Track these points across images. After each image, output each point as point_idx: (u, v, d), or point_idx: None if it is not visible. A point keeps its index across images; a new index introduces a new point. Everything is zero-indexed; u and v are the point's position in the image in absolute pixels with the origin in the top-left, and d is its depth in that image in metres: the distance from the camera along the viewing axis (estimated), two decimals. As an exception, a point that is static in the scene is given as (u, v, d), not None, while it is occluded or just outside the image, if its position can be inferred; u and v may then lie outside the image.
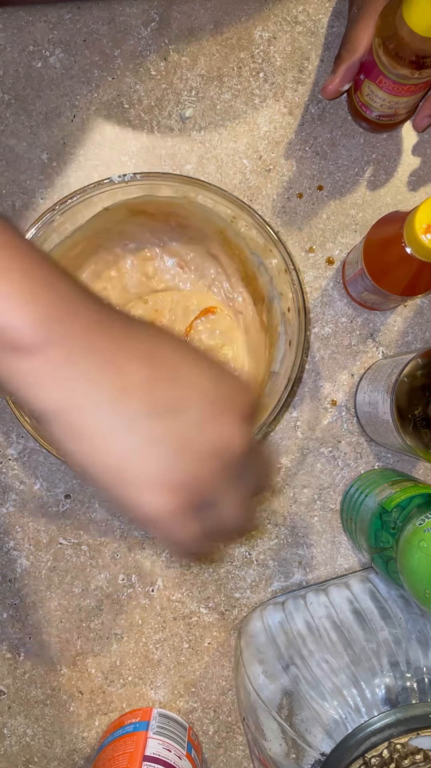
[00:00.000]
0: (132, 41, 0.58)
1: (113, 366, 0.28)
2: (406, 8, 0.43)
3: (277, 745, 0.44)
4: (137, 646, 0.56)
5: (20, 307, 0.26)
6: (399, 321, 0.58)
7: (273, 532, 0.57)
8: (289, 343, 0.49)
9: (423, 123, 0.55)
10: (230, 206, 0.49)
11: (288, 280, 0.49)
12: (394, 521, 0.46)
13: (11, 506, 0.56)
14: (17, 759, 0.56)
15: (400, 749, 0.41)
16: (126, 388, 0.28)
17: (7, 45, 0.58)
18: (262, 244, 0.49)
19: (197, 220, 0.52)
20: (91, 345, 0.28)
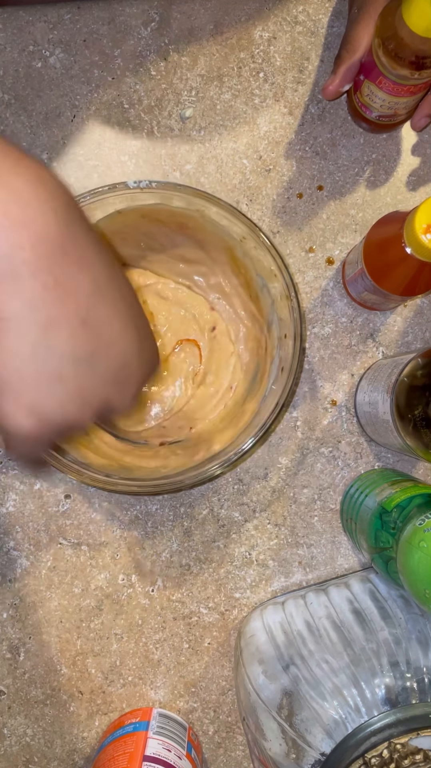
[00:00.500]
0: (132, 41, 0.58)
1: (61, 295, 0.28)
2: (406, 9, 0.43)
3: (277, 745, 0.44)
4: (137, 646, 0.56)
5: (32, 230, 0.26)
6: (399, 321, 0.58)
7: (273, 532, 0.57)
8: (281, 369, 0.49)
9: (421, 123, 0.56)
10: (241, 225, 0.49)
11: (288, 306, 0.49)
12: (394, 521, 0.46)
13: (11, 506, 0.56)
14: (17, 759, 0.56)
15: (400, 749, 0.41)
16: (60, 321, 0.28)
17: (7, 45, 0.58)
18: (267, 267, 0.50)
19: (207, 234, 0.52)
20: (51, 267, 0.28)
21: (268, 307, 0.52)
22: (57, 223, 0.27)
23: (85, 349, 0.30)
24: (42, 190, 0.27)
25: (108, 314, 0.30)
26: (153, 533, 0.57)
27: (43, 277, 0.27)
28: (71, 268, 0.28)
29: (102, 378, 0.31)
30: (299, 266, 0.58)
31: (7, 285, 0.27)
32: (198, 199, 0.49)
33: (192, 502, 0.57)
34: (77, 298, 0.29)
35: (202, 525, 0.57)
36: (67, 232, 0.28)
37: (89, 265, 0.29)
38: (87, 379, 0.30)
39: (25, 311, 0.27)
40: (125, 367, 0.32)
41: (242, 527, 0.57)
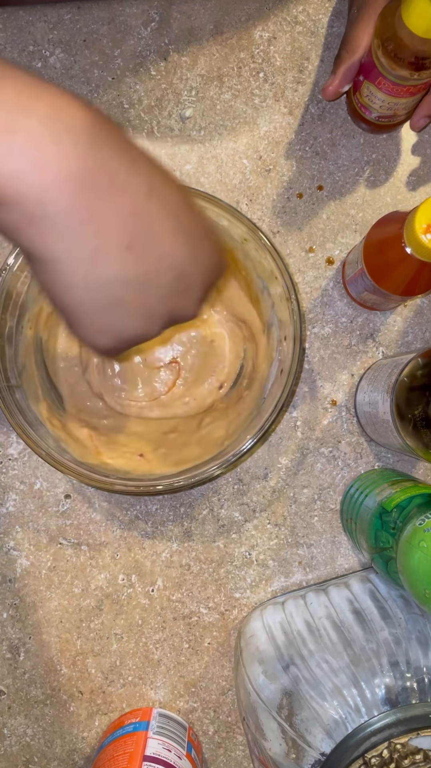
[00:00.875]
0: (132, 41, 0.58)
1: (99, 225, 0.29)
2: (405, 9, 0.43)
3: (277, 745, 0.44)
4: (137, 646, 0.56)
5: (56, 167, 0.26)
6: (399, 321, 0.58)
7: (274, 532, 0.57)
8: (281, 371, 0.49)
9: (420, 123, 0.55)
10: (242, 227, 0.49)
11: (289, 308, 0.49)
12: (394, 521, 0.46)
13: (11, 506, 0.56)
14: (17, 759, 0.56)
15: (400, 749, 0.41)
16: (104, 251, 0.29)
17: (7, 45, 0.58)
18: (268, 269, 0.50)
19: None
20: (94, 204, 0.28)
21: (268, 309, 0.52)
22: (78, 157, 0.27)
23: (136, 271, 0.30)
24: (60, 126, 0.27)
25: (153, 231, 0.31)
26: (153, 533, 0.57)
27: (77, 213, 0.28)
28: (104, 197, 0.28)
29: (160, 293, 0.32)
30: (299, 266, 0.58)
31: (45, 228, 0.27)
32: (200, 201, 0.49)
33: (192, 502, 0.57)
34: (117, 224, 0.29)
35: (202, 525, 0.57)
36: (92, 163, 0.28)
37: (123, 189, 0.29)
38: (145, 298, 0.32)
39: (68, 249, 0.28)
40: (182, 277, 0.32)
41: (242, 527, 0.57)
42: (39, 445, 0.48)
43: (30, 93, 0.27)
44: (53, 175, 0.26)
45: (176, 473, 0.51)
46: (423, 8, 0.42)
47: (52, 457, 0.48)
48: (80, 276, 0.29)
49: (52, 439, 0.50)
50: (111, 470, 0.51)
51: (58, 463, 0.48)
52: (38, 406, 0.52)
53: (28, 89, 0.27)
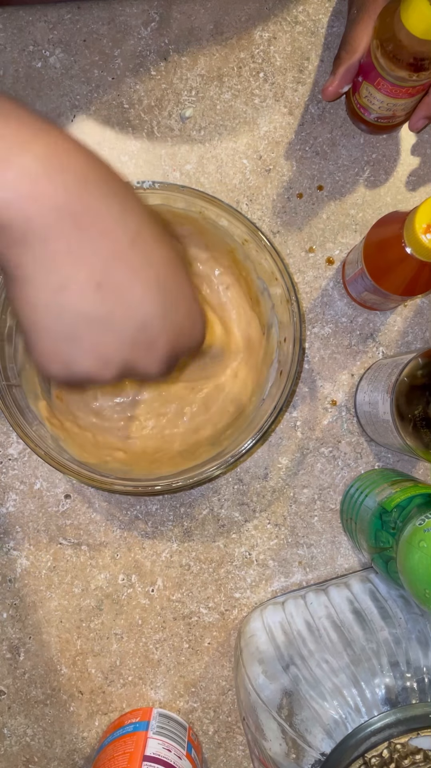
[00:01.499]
0: (132, 41, 0.58)
1: (74, 259, 0.30)
2: (404, 10, 0.43)
3: (277, 745, 0.44)
4: (137, 646, 0.56)
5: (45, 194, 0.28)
6: (399, 321, 0.58)
7: (273, 532, 0.57)
8: (281, 372, 0.49)
9: (419, 125, 0.56)
10: (242, 228, 0.49)
11: (289, 309, 0.49)
12: (394, 521, 0.46)
13: (11, 506, 0.56)
14: (17, 759, 0.56)
15: (400, 749, 0.41)
16: (72, 283, 0.30)
17: (7, 45, 0.58)
18: (269, 270, 0.49)
19: (209, 236, 0.52)
20: (69, 207, 0.29)
21: (268, 311, 0.52)
22: (67, 195, 0.29)
23: (99, 310, 0.31)
24: (53, 165, 0.29)
25: (128, 277, 0.31)
26: (153, 533, 0.57)
27: (54, 245, 0.29)
28: (85, 235, 0.30)
29: (118, 340, 0.32)
30: (299, 266, 0.58)
31: (22, 250, 0.29)
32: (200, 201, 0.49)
33: (192, 502, 0.57)
34: (92, 262, 0.30)
35: (202, 525, 0.57)
36: (78, 202, 0.29)
37: (106, 231, 0.30)
38: (102, 340, 0.32)
39: (39, 273, 0.30)
40: (145, 330, 0.33)
41: (242, 527, 0.57)
42: (38, 445, 0.48)
43: (30, 132, 0.29)
44: (38, 206, 0.28)
45: (176, 473, 0.51)
46: (422, 9, 0.42)
47: (52, 457, 0.48)
48: (44, 301, 0.30)
49: (51, 438, 0.50)
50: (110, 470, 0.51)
51: (58, 463, 0.48)
52: (37, 405, 0.51)
53: (29, 129, 0.29)
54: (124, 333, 0.32)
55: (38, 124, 0.29)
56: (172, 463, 0.52)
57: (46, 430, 0.51)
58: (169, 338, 0.34)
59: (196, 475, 0.49)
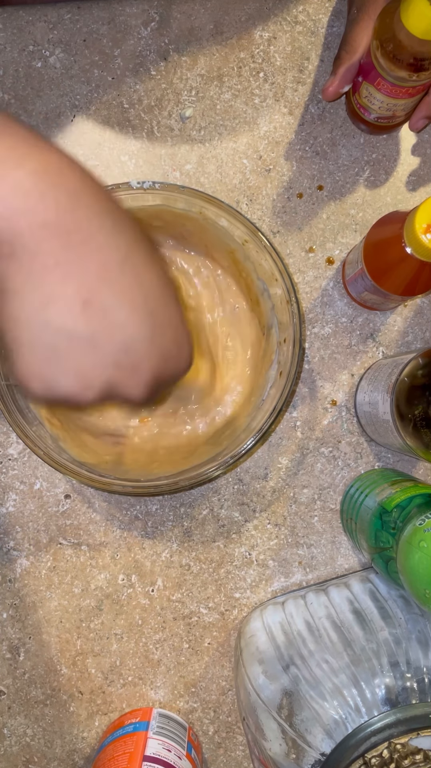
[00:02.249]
0: (132, 41, 0.58)
1: (62, 275, 0.29)
2: (404, 11, 0.43)
3: (277, 745, 0.44)
4: (137, 646, 0.56)
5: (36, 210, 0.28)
6: (399, 321, 0.58)
7: (273, 532, 0.57)
8: (280, 373, 0.49)
9: (419, 125, 0.56)
10: (243, 228, 0.49)
11: (289, 310, 0.49)
12: (394, 521, 0.46)
13: (11, 506, 0.56)
14: (17, 759, 0.56)
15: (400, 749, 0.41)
16: (58, 299, 0.30)
17: (7, 45, 0.58)
18: (269, 271, 0.49)
19: (209, 237, 0.52)
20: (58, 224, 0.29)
21: (268, 312, 0.52)
22: (58, 211, 0.29)
23: (84, 328, 0.30)
24: (46, 182, 0.29)
25: (115, 298, 0.31)
26: (153, 533, 0.57)
27: (43, 259, 0.29)
28: (74, 252, 0.30)
29: (101, 361, 0.31)
30: (299, 266, 0.58)
31: (12, 264, 0.29)
32: (200, 201, 0.49)
33: (192, 502, 0.57)
34: (80, 279, 0.30)
35: (202, 525, 0.57)
36: (70, 219, 0.29)
37: (96, 249, 0.30)
38: (85, 359, 0.31)
39: (25, 286, 0.29)
40: (130, 353, 0.32)
41: (242, 527, 0.57)
42: (38, 445, 0.48)
43: (25, 149, 0.29)
44: (28, 221, 0.28)
45: (175, 473, 0.51)
46: (422, 10, 0.42)
47: (51, 457, 0.48)
48: (27, 315, 0.30)
49: (51, 438, 0.50)
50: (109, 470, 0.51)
51: (57, 463, 0.48)
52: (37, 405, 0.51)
53: (23, 145, 0.29)
54: (108, 354, 0.31)
55: (32, 141, 0.29)
56: (172, 463, 0.52)
57: (46, 430, 0.51)
58: (154, 363, 0.33)
59: (196, 476, 0.49)
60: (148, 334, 0.32)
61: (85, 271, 0.30)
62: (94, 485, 0.49)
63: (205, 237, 0.52)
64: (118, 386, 0.33)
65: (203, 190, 0.49)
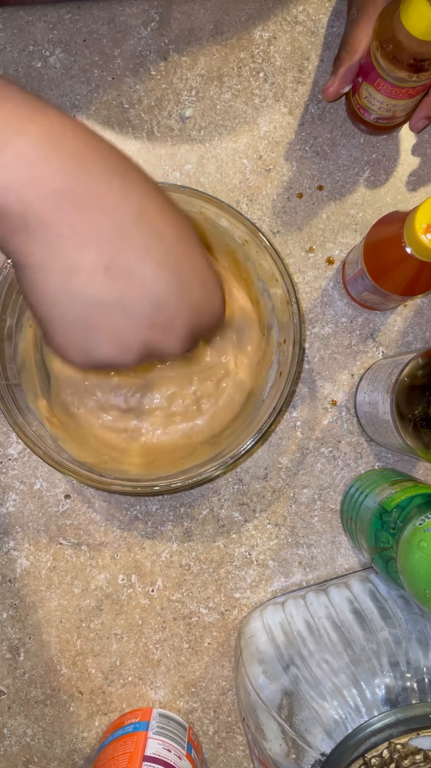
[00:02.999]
0: (132, 41, 0.58)
1: (79, 242, 0.29)
2: (404, 11, 0.43)
3: (277, 745, 0.44)
4: (137, 646, 0.56)
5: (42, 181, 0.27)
6: (399, 321, 0.58)
7: (273, 532, 0.57)
8: (280, 373, 0.49)
9: (419, 125, 0.56)
10: (243, 229, 0.49)
11: (289, 311, 0.48)
12: (394, 521, 0.46)
13: (11, 506, 0.56)
14: (17, 759, 0.56)
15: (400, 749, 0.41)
16: (80, 268, 0.29)
17: (7, 45, 0.58)
18: (269, 271, 0.49)
19: (210, 237, 0.52)
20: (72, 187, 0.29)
21: (268, 312, 0.52)
22: (64, 175, 0.28)
23: (111, 294, 0.30)
24: (49, 147, 0.28)
25: (136, 257, 0.30)
26: (153, 533, 0.57)
27: (56, 227, 0.28)
28: (87, 217, 0.29)
29: (135, 322, 0.31)
30: (299, 266, 0.58)
31: (27, 238, 0.28)
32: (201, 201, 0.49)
33: (192, 502, 0.57)
34: (98, 243, 0.29)
35: (202, 525, 0.57)
36: (77, 182, 0.28)
37: (108, 211, 0.29)
38: (118, 324, 0.31)
39: (46, 261, 0.29)
40: (162, 310, 0.31)
41: (242, 527, 0.57)
42: (37, 444, 0.48)
43: (25, 114, 0.28)
44: (36, 190, 0.28)
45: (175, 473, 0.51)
46: (422, 10, 0.42)
47: (51, 457, 0.48)
48: (54, 289, 0.29)
49: (51, 438, 0.50)
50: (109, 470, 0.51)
51: (57, 462, 0.48)
52: (37, 404, 0.51)
53: (24, 111, 0.28)
54: (139, 315, 0.31)
55: (34, 105, 0.28)
56: (171, 463, 0.52)
57: (46, 429, 0.51)
58: (187, 315, 0.33)
59: (196, 476, 0.49)
60: (176, 288, 0.32)
61: (101, 235, 0.29)
62: (93, 485, 0.49)
63: (207, 238, 0.52)
64: (155, 344, 0.32)
65: (203, 190, 0.49)
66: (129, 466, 0.53)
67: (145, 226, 0.31)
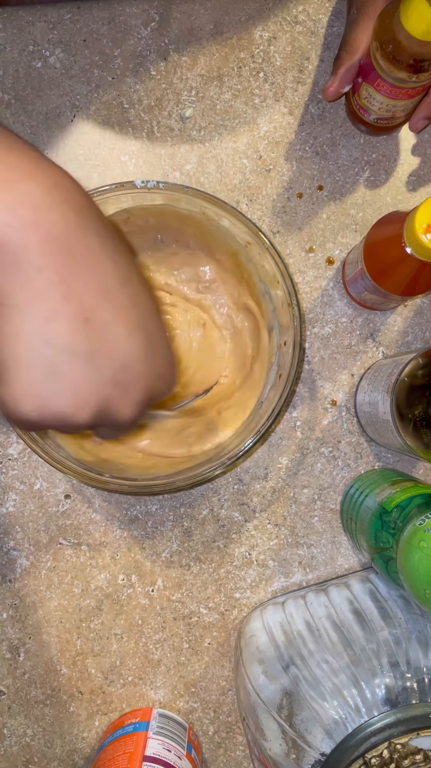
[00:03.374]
0: (132, 41, 0.58)
1: (65, 291, 0.29)
2: (404, 12, 0.43)
3: (277, 745, 0.44)
4: (137, 646, 0.56)
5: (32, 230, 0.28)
6: (399, 321, 0.58)
7: (273, 532, 0.57)
8: (280, 375, 0.49)
9: (419, 125, 0.56)
10: (245, 230, 0.49)
11: (289, 313, 0.49)
12: (394, 521, 0.46)
13: (11, 506, 0.56)
14: (17, 759, 0.56)
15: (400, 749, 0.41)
16: (61, 315, 0.29)
17: (7, 45, 0.58)
18: (271, 273, 0.49)
19: (212, 238, 0.52)
20: (66, 263, 0.29)
21: (269, 313, 0.52)
22: (66, 227, 0.29)
23: (84, 346, 0.30)
24: (55, 196, 0.29)
25: (114, 316, 0.31)
26: (153, 533, 0.57)
27: (48, 274, 0.29)
28: (78, 269, 0.29)
29: (100, 377, 0.31)
30: (299, 266, 0.58)
31: (14, 276, 0.28)
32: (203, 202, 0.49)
33: (192, 502, 0.57)
34: (82, 296, 0.30)
35: (202, 525, 0.57)
36: (76, 236, 0.29)
37: (99, 268, 0.30)
38: (83, 376, 0.31)
39: (28, 301, 0.29)
40: (127, 371, 0.32)
41: (242, 527, 0.57)
42: (35, 442, 0.48)
43: (34, 163, 0.29)
44: (36, 234, 0.28)
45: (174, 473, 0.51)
46: (422, 11, 0.42)
47: (49, 455, 0.48)
48: (28, 330, 0.29)
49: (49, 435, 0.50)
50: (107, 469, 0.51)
51: (54, 460, 0.48)
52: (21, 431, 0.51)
53: (32, 160, 0.29)
54: (106, 371, 0.31)
55: (41, 159, 0.29)
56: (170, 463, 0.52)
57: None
58: (148, 381, 0.33)
59: (195, 475, 0.49)
60: (144, 353, 0.33)
61: (86, 289, 0.30)
62: (93, 484, 0.49)
63: (209, 239, 0.52)
64: (111, 405, 0.32)
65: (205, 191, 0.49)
66: (128, 465, 0.52)
67: (128, 290, 0.32)
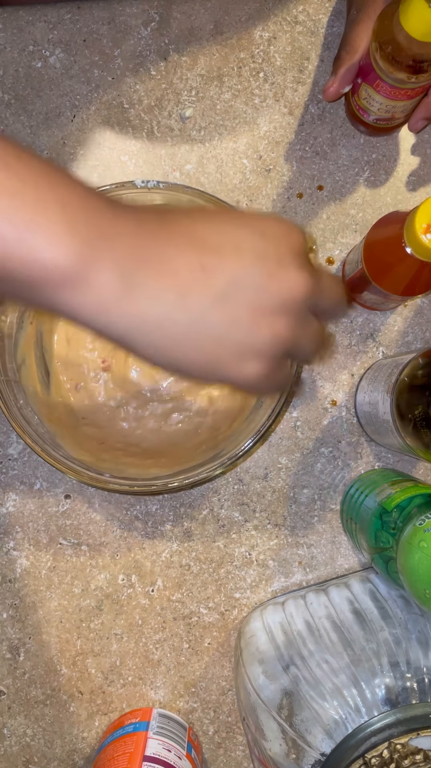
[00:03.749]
0: (132, 41, 0.58)
1: (166, 269, 0.30)
2: (403, 12, 0.43)
3: (277, 745, 0.44)
4: (137, 646, 0.56)
5: (62, 242, 0.27)
6: (399, 321, 0.58)
7: (273, 532, 0.57)
8: None
9: (418, 126, 0.56)
10: None
11: None
12: (394, 521, 0.46)
13: (11, 506, 0.56)
14: (17, 759, 0.56)
15: (400, 749, 0.41)
16: (184, 286, 0.30)
17: (7, 45, 0.58)
18: None
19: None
20: (138, 255, 0.29)
21: None
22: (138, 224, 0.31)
23: (219, 284, 0.31)
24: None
25: (216, 238, 0.32)
26: (153, 533, 0.57)
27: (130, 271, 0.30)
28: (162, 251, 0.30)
29: (254, 287, 0.32)
30: (299, 266, 0.58)
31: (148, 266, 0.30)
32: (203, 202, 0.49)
33: (192, 502, 0.57)
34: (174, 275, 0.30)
35: (202, 525, 0.57)
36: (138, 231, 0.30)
37: (175, 240, 0.31)
38: (246, 300, 0.31)
39: (155, 306, 0.30)
40: (267, 260, 0.32)
41: (242, 527, 0.57)
42: (35, 442, 0.48)
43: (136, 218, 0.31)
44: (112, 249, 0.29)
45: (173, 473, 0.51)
46: (421, 11, 0.42)
47: (48, 454, 0.48)
48: (177, 324, 0.30)
49: (49, 435, 0.50)
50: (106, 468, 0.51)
51: (54, 459, 0.48)
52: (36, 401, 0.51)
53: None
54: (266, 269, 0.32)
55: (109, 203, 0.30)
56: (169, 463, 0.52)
57: (44, 426, 0.51)
58: (288, 247, 0.34)
59: (195, 475, 0.49)
60: (260, 236, 0.33)
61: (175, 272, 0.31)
62: (93, 484, 0.49)
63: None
64: (226, 371, 0.33)
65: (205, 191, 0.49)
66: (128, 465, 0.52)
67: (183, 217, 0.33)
